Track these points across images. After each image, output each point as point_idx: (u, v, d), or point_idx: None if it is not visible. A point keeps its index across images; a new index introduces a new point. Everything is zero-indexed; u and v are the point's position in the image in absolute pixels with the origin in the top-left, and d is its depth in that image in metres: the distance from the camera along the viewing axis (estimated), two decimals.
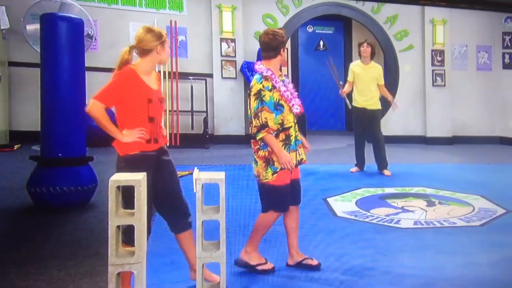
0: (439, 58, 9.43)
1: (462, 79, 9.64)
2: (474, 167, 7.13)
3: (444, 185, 5.67)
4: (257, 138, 3.02)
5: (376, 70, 6.13)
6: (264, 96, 3.02)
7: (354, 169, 6.34)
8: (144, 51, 2.75)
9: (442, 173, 6.51)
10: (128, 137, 2.71)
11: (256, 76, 3.09)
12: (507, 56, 9.77)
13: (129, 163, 2.68)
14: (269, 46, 3.10)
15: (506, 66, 9.76)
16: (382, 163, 6.17)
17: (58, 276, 3.00)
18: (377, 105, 6.17)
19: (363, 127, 6.25)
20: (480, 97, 9.73)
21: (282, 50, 3.13)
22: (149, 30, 2.77)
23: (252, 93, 3.03)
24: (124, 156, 2.71)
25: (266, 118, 3.00)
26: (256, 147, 3.07)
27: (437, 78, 9.42)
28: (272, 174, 3.04)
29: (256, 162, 3.08)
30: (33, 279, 2.95)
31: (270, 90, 3.04)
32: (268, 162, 3.04)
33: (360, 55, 6.21)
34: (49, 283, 2.90)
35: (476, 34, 9.72)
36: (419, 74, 9.48)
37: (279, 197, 3.08)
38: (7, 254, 3.33)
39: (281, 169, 3.04)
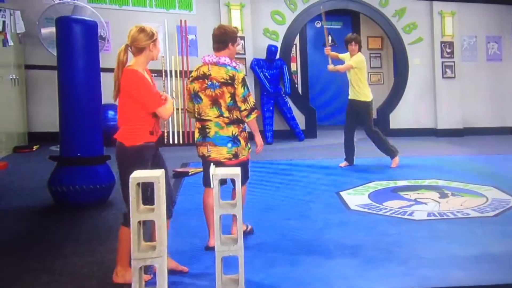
0: (448, 50, 9.40)
1: (472, 70, 9.60)
2: (485, 158, 7.12)
3: (456, 176, 5.69)
4: (249, 119, 3.47)
5: (356, 59, 6.09)
6: (247, 83, 3.50)
7: (343, 163, 6.29)
8: (138, 50, 2.98)
9: (454, 165, 6.52)
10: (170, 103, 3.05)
11: (228, 67, 3.43)
12: None
13: (136, 153, 2.93)
14: (219, 39, 3.50)
15: None
16: (386, 154, 6.21)
17: (81, 271, 3.10)
18: (360, 97, 6.10)
19: (349, 118, 6.25)
20: (490, 88, 9.68)
21: (231, 44, 3.52)
22: (141, 30, 2.99)
23: (238, 81, 3.41)
24: (130, 147, 2.94)
25: (253, 102, 3.49)
26: (240, 130, 3.48)
27: (447, 70, 9.40)
28: (248, 150, 3.56)
29: (237, 143, 3.45)
30: (58, 274, 3.05)
31: None
32: (246, 141, 3.53)
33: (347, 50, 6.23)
34: (74, 278, 3.00)
35: (485, 24, 9.66)
36: (428, 66, 9.46)
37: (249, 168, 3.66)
38: (31, 251, 3.43)
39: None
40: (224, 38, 3.49)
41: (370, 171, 6.05)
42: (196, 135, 3.53)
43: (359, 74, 6.09)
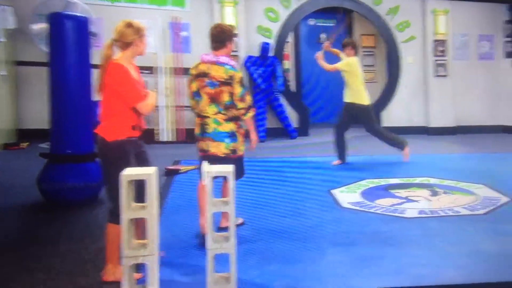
0: (441, 48, 9.44)
1: (464, 69, 9.66)
2: (477, 156, 7.17)
3: (448, 174, 5.72)
4: (246, 117, 3.58)
5: (344, 61, 6.13)
6: (244, 82, 3.57)
7: (336, 161, 6.32)
8: (125, 44, 2.97)
9: (445, 163, 6.56)
10: (152, 98, 3.04)
11: (227, 67, 3.53)
12: (509, 45, 9.77)
13: (118, 148, 2.92)
14: (217, 38, 3.56)
15: (508, 55, 9.77)
16: (395, 147, 6.32)
17: (76, 270, 3.08)
18: (357, 100, 6.14)
19: (343, 119, 6.27)
20: (482, 87, 9.75)
21: (228, 42, 3.57)
22: (129, 25, 2.98)
23: (236, 81, 3.50)
24: (113, 141, 2.92)
25: (250, 100, 3.58)
26: (238, 126, 3.60)
27: (439, 68, 9.45)
28: (244, 147, 3.65)
29: (235, 139, 3.57)
30: (55, 272, 3.04)
31: None
32: (244, 138, 3.64)
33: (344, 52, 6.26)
34: (71, 277, 2.98)
35: (478, 23, 9.72)
36: (421, 64, 9.51)
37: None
38: (26, 250, 3.41)
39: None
40: (222, 37, 3.57)
41: (362, 169, 6.07)
42: (196, 130, 3.64)
43: (353, 77, 6.11)
